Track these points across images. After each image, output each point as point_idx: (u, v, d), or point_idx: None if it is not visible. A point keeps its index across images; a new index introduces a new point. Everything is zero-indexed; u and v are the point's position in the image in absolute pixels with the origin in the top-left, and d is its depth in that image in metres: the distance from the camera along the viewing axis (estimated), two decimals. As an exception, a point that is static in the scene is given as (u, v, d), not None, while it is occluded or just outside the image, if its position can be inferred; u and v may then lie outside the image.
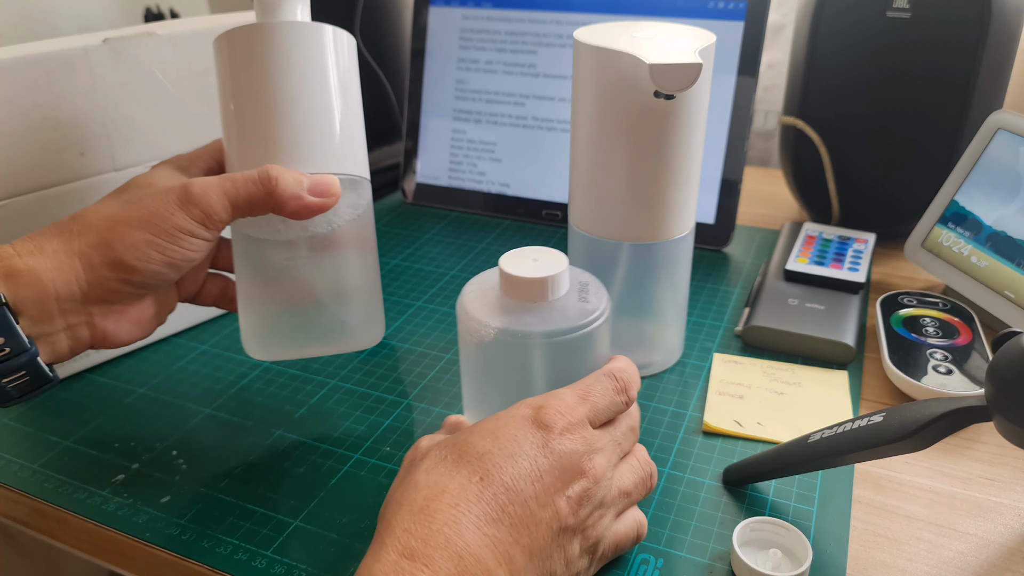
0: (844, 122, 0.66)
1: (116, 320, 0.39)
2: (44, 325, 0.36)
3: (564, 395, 0.35)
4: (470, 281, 0.41)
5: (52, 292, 0.36)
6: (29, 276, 0.35)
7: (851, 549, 0.39)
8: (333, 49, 0.44)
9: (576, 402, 0.34)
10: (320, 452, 0.46)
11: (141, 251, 0.37)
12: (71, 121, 0.50)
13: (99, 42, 0.50)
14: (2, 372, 0.35)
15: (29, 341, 0.36)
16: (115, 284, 0.37)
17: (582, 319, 0.37)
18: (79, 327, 0.38)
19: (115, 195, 0.41)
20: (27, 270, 0.35)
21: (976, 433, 0.47)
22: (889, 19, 0.61)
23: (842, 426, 0.38)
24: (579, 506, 0.32)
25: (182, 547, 0.40)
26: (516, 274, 0.38)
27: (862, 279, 0.58)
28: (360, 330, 0.48)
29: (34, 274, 0.35)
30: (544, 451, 0.32)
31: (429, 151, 0.79)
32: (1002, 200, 0.55)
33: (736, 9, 0.66)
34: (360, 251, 0.47)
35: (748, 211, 0.77)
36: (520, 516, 0.31)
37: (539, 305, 0.38)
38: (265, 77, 0.42)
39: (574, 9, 0.71)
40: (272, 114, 0.42)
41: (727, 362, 0.53)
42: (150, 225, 0.37)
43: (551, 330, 0.37)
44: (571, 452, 0.33)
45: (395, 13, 0.83)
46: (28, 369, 0.36)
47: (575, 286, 0.40)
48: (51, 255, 0.36)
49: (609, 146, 0.45)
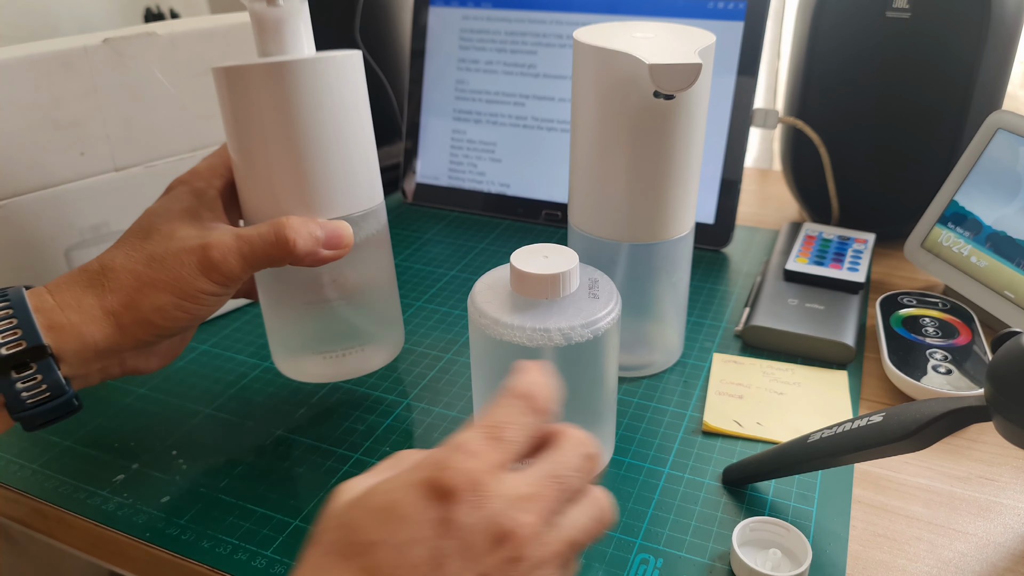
0: (844, 122, 0.66)
1: (146, 357, 0.43)
2: (80, 368, 0.39)
3: (469, 443, 0.27)
4: (480, 279, 0.41)
5: (91, 344, 0.39)
6: (71, 330, 0.38)
7: (851, 549, 0.39)
8: (344, 81, 0.42)
9: (485, 447, 0.27)
10: (320, 452, 0.46)
11: (167, 312, 0.40)
12: (71, 121, 0.50)
13: (99, 42, 0.50)
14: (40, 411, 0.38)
15: (67, 382, 0.38)
16: (144, 336, 0.40)
17: (595, 314, 0.38)
18: (111, 367, 0.41)
19: (138, 242, 0.41)
20: (69, 324, 0.38)
21: (976, 433, 0.47)
22: (889, 19, 0.61)
23: (842, 426, 0.38)
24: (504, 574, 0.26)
25: (182, 547, 0.40)
26: (529, 270, 0.38)
27: (862, 279, 0.58)
28: (384, 346, 0.50)
29: (76, 328, 0.38)
30: (445, 531, 0.25)
31: (429, 151, 0.79)
32: (1002, 200, 0.55)
33: (736, 9, 0.66)
34: (380, 270, 0.48)
35: (748, 211, 0.78)
36: None
37: (551, 302, 0.38)
38: (273, 122, 0.41)
39: (574, 9, 0.71)
40: (282, 160, 0.42)
41: (727, 362, 0.53)
42: (175, 289, 0.40)
43: (565, 326, 0.37)
44: (482, 519, 0.26)
45: (395, 13, 0.83)
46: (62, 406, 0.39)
47: (585, 283, 0.40)
48: (87, 311, 0.39)
49: (609, 146, 0.45)
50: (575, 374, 0.38)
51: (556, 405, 0.30)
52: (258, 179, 0.43)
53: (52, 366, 0.37)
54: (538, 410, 0.29)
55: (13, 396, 0.37)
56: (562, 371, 0.37)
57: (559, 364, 0.37)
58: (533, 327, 0.37)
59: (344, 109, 0.42)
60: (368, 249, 0.46)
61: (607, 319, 0.38)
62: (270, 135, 0.41)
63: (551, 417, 0.30)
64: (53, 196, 0.50)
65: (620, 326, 0.40)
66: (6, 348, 0.36)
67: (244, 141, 0.42)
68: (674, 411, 0.49)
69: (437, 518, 0.26)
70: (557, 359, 0.38)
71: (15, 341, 0.37)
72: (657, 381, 0.52)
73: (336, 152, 0.42)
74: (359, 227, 0.45)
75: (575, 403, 0.38)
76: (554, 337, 0.37)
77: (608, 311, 0.38)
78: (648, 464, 0.45)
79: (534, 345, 0.37)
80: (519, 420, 0.29)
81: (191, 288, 0.40)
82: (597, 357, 0.39)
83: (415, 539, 0.25)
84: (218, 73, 0.41)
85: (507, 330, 0.37)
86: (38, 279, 0.51)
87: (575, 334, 0.37)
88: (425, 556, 0.25)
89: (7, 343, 0.37)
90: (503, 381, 0.37)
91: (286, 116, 0.41)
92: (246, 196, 0.44)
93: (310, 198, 0.42)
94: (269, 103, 0.40)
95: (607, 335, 0.38)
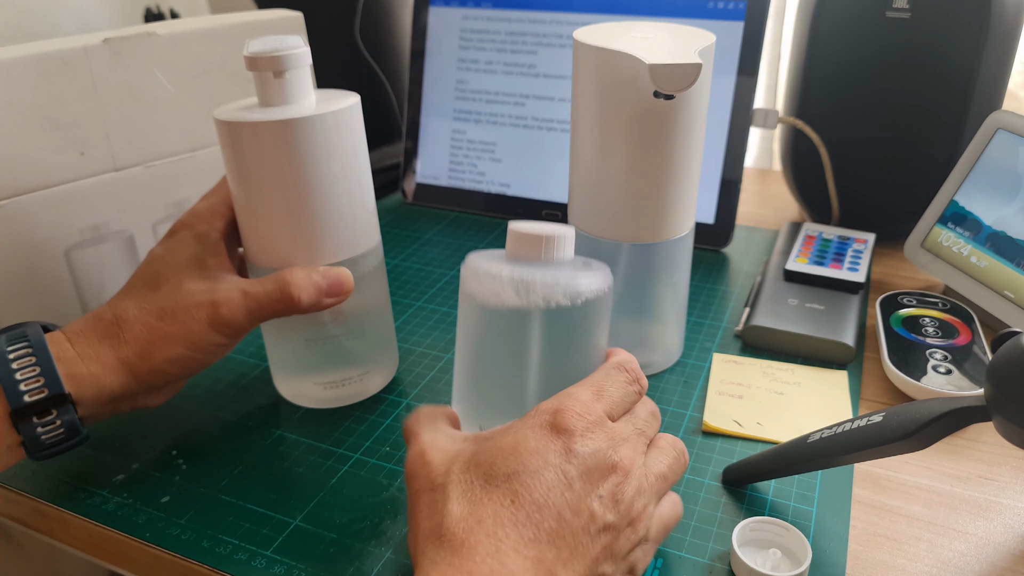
0: (844, 122, 0.66)
1: (153, 396, 0.45)
2: (95, 410, 0.41)
3: (578, 394, 0.34)
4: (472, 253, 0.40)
5: (108, 392, 0.41)
6: (90, 379, 0.40)
7: (851, 549, 0.39)
8: (345, 131, 0.43)
9: (591, 399, 0.34)
10: (320, 452, 0.46)
11: (180, 363, 0.42)
12: (71, 121, 0.50)
13: (99, 42, 0.50)
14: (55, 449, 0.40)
15: (81, 422, 0.40)
16: (157, 382, 0.43)
17: (582, 279, 0.37)
18: (122, 405, 0.43)
19: (149, 294, 0.43)
20: (89, 375, 0.40)
21: (976, 433, 0.47)
22: (889, 19, 0.61)
23: (842, 426, 0.38)
24: (615, 503, 0.32)
25: (182, 547, 0.40)
26: (524, 230, 0.37)
27: (862, 279, 0.58)
28: (381, 370, 0.51)
29: (95, 378, 0.40)
30: (568, 457, 0.32)
31: (429, 151, 0.79)
32: (1002, 200, 0.55)
33: (736, 9, 0.66)
34: (377, 301, 0.49)
35: (748, 211, 0.78)
36: (555, 530, 0.30)
37: (543, 265, 0.37)
38: (277, 175, 0.41)
39: (574, 9, 0.71)
40: (286, 210, 0.42)
41: (727, 362, 0.53)
42: (187, 342, 0.42)
43: (550, 281, 0.36)
44: (596, 451, 0.32)
45: (395, 13, 0.83)
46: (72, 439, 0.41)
47: (579, 261, 0.39)
48: (105, 361, 0.41)
49: (609, 146, 0.45)
50: (560, 345, 0.37)
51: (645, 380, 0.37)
52: (261, 225, 0.43)
53: (71, 411, 0.40)
54: (632, 380, 0.36)
55: (33, 439, 0.39)
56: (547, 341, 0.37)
57: (545, 332, 0.37)
58: (520, 278, 0.36)
59: (345, 158, 0.43)
60: (366, 283, 0.47)
61: (594, 287, 0.37)
62: (274, 187, 0.42)
63: (643, 387, 0.37)
64: (53, 196, 0.50)
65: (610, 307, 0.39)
66: (29, 395, 0.38)
67: (247, 191, 0.43)
68: (674, 411, 0.49)
69: (559, 448, 0.32)
70: (543, 325, 0.36)
71: (38, 389, 0.39)
72: (657, 381, 0.52)
73: (338, 200, 0.43)
74: (359, 264, 0.46)
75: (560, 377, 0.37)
76: (537, 290, 0.36)
77: (597, 280, 0.37)
78: (648, 464, 0.45)
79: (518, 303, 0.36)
80: (617, 380, 0.36)
81: (202, 341, 0.42)
82: (583, 329, 0.37)
83: (546, 465, 0.31)
84: (221, 126, 0.41)
85: (492, 281, 0.37)
86: (38, 279, 0.51)
87: (558, 293, 0.36)
88: (556, 478, 0.31)
89: (30, 390, 0.38)
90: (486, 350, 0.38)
91: (290, 169, 0.41)
92: (249, 239, 0.45)
93: (313, 245, 0.44)
94: (273, 158, 0.41)
95: (594, 307, 0.37)
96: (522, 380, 0.37)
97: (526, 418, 0.34)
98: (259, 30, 0.58)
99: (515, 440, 0.32)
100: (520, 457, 0.32)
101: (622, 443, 0.34)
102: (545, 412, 0.33)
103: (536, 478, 0.31)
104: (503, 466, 0.32)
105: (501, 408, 0.38)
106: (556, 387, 0.36)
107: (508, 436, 0.33)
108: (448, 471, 0.33)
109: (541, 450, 0.32)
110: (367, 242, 0.46)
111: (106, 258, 0.54)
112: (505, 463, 0.32)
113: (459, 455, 0.33)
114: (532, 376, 0.37)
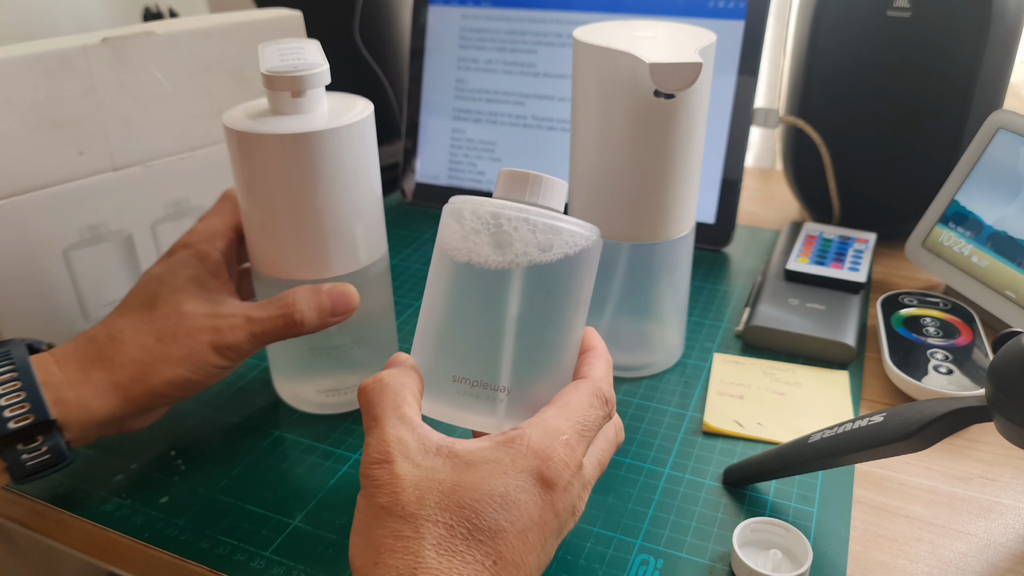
0: (845, 122, 0.66)
1: (142, 418, 0.44)
2: (82, 435, 0.40)
3: (566, 437, 0.32)
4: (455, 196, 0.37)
5: (97, 416, 0.40)
6: (78, 404, 0.39)
7: (851, 549, 0.39)
8: (358, 143, 0.42)
9: (576, 440, 0.32)
10: (319, 452, 0.46)
11: (179, 385, 0.41)
12: (70, 120, 0.50)
13: (98, 41, 0.50)
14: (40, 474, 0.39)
15: (68, 447, 0.39)
16: (150, 405, 0.41)
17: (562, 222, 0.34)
18: (108, 429, 0.42)
19: (146, 313, 0.41)
20: (76, 399, 0.39)
21: (977, 433, 0.47)
22: (890, 18, 0.61)
23: (842, 426, 0.38)
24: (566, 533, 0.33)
25: (180, 547, 0.40)
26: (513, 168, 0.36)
27: (863, 279, 0.58)
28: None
29: (83, 402, 0.39)
30: (551, 516, 0.31)
31: (429, 150, 0.79)
32: (1003, 200, 0.55)
33: (736, 8, 0.65)
34: (382, 308, 0.48)
35: (748, 211, 0.77)
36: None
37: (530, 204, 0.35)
38: (287, 187, 0.41)
39: (574, 8, 0.71)
40: (296, 222, 0.42)
41: (727, 362, 0.53)
42: (187, 364, 0.41)
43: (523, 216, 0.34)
44: (570, 506, 0.32)
45: (395, 12, 0.83)
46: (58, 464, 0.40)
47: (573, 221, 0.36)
48: (96, 385, 0.40)
49: (609, 146, 0.45)
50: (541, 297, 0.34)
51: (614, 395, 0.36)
52: (268, 236, 0.43)
53: (57, 437, 0.38)
54: (608, 409, 0.35)
55: (17, 464, 0.38)
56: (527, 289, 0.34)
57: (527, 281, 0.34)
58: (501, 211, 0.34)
59: (357, 169, 0.42)
60: (372, 291, 0.46)
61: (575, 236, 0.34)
62: (284, 198, 0.41)
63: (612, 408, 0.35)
64: (51, 196, 0.50)
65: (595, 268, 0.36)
66: (14, 422, 0.37)
67: (255, 201, 0.42)
68: (674, 411, 0.49)
69: (545, 506, 0.31)
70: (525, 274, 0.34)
71: (23, 415, 0.37)
72: (657, 381, 0.52)
73: (348, 212, 0.43)
74: (366, 272, 0.45)
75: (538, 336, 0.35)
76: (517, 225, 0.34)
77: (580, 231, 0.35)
78: (648, 465, 0.45)
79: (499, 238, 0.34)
80: (597, 414, 0.34)
81: (203, 363, 0.41)
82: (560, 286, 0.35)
83: (531, 525, 0.30)
84: (231, 134, 0.41)
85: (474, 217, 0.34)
86: (36, 279, 0.51)
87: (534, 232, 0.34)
88: (537, 540, 0.30)
89: (15, 416, 0.37)
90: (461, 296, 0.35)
91: (301, 182, 0.41)
92: (255, 248, 0.44)
93: (321, 258, 0.43)
94: (284, 170, 0.40)
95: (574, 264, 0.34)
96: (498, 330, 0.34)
97: (514, 457, 0.31)
98: (259, 29, 0.58)
99: (504, 489, 0.30)
100: (509, 512, 0.30)
101: (586, 488, 0.34)
102: (533, 455, 0.31)
103: (522, 540, 0.30)
104: (490, 518, 0.29)
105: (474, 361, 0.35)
106: (532, 345, 0.34)
107: (496, 478, 0.30)
108: (422, 500, 0.30)
109: (529, 507, 0.30)
110: (376, 252, 0.46)
111: (104, 258, 0.54)
112: (493, 515, 0.29)
113: (435, 481, 0.30)
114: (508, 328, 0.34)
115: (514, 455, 0.31)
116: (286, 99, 0.41)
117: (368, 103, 0.44)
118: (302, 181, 0.41)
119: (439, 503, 0.29)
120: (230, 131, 0.41)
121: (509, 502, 0.30)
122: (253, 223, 0.43)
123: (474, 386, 0.34)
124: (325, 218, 0.42)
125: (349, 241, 0.43)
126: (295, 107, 0.41)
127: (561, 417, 0.33)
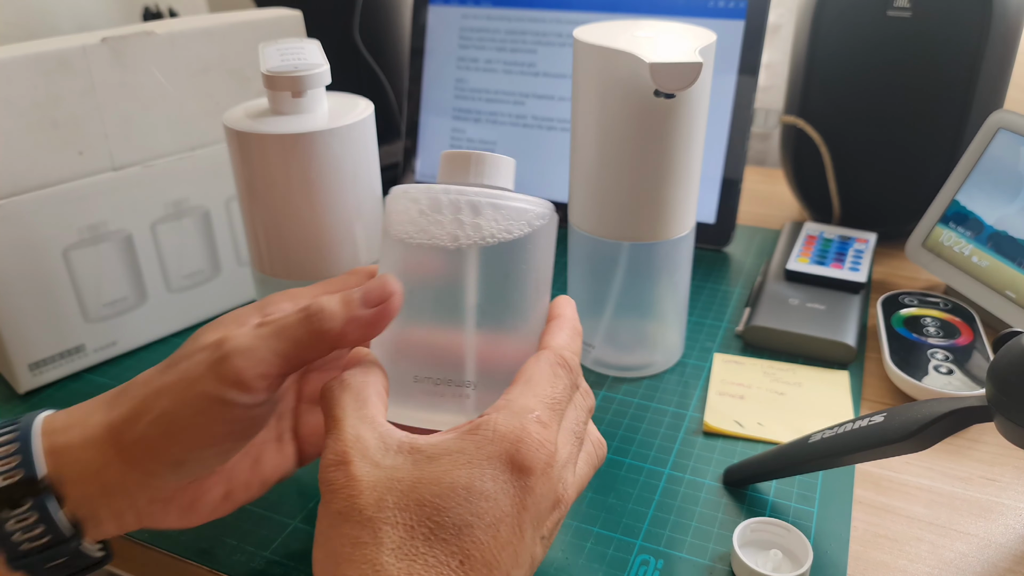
0: (845, 122, 0.66)
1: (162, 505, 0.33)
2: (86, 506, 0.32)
3: (536, 414, 0.29)
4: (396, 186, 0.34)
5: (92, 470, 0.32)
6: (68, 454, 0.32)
7: (852, 549, 0.39)
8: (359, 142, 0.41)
9: (549, 418, 0.29)
10: (319, 452, 0.46)
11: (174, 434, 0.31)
12: (69, 120, 0.50)
13: (98, 41, 0.50)
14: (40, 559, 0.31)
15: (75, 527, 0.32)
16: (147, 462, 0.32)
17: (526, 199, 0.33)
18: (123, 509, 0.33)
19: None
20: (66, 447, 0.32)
21: (977, 433, 0.47)
22: (890, 18, 0.61)
23: (843, 426, 0.38)
24: (551, 535, 0.30)
25: (180, 548, 0.40)
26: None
27: (863, 279, 0.58)
28: None
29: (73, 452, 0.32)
30: (525, 504, 0.28)
31: (428, 150, 0.79)
32: (1003, 200, 0.55)
33: (736, 8, 0.65)
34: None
35: (748, 211, 0.77)
36: None
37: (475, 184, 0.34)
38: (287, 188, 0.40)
39: (574, 8, 0.71)
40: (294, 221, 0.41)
41: (727, 362, 0.53)
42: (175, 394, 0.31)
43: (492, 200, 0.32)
44: (549, 491, 0.29)
45: (395, 12, 0.83)
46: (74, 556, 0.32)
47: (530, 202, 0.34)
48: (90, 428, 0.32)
49: (609, 145, 0.45)
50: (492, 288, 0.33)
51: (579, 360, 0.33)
52: (268, 235, 0.43)
53: (44, 503, 0.30)
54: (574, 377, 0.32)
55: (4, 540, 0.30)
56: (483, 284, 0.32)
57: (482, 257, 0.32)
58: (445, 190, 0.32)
59: (357, 169, 0.42)
60: None
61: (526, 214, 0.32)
62: (283, 200, 0.41)
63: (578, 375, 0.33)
64: (51, 195, 0.50)
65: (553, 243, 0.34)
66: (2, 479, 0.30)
67: (256, 201, 0.42)
68: (675, 411, 0.49)
69: (517, 493, 0.28)
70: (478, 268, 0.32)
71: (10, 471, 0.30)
72: (657, 381, 0.52)
73: (348, 212, 0.42)
74: None
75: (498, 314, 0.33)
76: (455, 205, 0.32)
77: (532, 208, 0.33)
78: (648, 465, 0.45)
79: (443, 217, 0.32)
80: (564, 383, 0.31)
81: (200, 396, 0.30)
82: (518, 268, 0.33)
83: (502, 517, 0.27)
84: (231, 134, 0.41)
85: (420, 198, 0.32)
86: (36, 279, 0.51)
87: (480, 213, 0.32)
88: (510, 532, 0.27)
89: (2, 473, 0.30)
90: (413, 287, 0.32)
91: (301, 182, 0.40)
92: (255, 248, 0.44)
93: (322, 258, 0.43)
94: (285, 170, 0.40)
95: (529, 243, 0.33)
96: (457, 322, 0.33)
97: (480, 442, 0.28)
98: (258, 29, 0.58)
99: (468, 479, 0.27)
100: (473, 504, 0.27)
101: (565, 468, 0.30)
102: (501, 439, 0.28)
103: (491, 534, 0.27)
104: (454, 514, 0.26)
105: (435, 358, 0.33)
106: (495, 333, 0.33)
107: (460, 469, 0.27)
108: (380, 502, 0.27)
109: (498, 496, 0.27)
110: (376, 252, 0.46)
111: (104, 258, 0.54)
112: (457, 510, 0.26)
113: (394, 480, 0.27)
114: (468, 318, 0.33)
115: (479, 442, 0.28)
116: (286, 99, 0.41)
117: (368, 103, 0.44)
118: (302, 181, 0.41)
119: (398, 503, 0.27)
120: (230, 131, 0.41)
121: (475, 494, 0.27)
122: (253, 223, 0.43)
123: (438, 384, 0.33)
124: (325, 218, 0.42)
125: (349, 241, 0.43)
126: (295, 107, 0.41)
127: (528, 394, 0.30)
